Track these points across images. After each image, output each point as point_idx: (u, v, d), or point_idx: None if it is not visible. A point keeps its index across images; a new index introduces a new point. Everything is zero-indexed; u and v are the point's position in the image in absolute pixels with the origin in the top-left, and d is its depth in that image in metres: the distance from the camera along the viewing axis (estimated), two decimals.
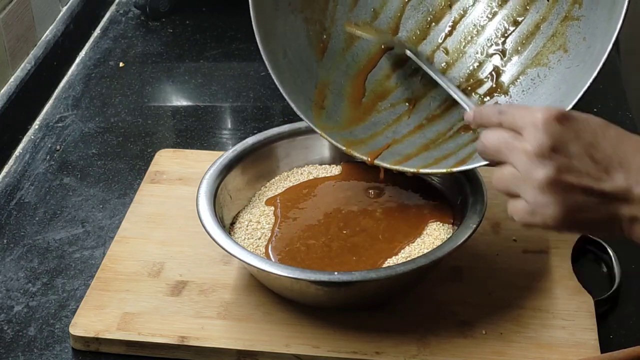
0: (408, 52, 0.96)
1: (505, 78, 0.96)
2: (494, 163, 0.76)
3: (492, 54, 0.97)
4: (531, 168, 0.72)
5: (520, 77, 0.95)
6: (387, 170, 0.95)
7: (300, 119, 1.05)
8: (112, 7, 1.52)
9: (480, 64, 0.98)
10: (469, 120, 0.82)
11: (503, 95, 0.95)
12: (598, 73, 0.84)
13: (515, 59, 0.96)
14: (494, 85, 0.96)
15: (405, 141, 0.96)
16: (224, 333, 0.89)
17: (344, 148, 0.94)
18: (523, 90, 0.94)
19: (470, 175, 0.95)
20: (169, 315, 0.90)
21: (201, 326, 0.89)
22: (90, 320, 0.90)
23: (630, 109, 1.23)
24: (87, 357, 0.89)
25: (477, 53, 0.98)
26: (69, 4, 1.40)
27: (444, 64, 0.99)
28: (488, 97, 0.96)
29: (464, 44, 0.99)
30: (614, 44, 0.83)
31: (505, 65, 0.96)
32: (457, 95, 0.89)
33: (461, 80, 0.98)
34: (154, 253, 0.98)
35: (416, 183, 1.00)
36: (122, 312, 0.91)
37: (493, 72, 0.97)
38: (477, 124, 0.80)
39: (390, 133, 0.97)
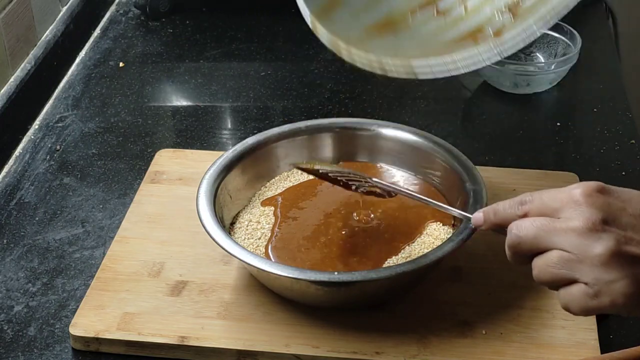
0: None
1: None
2: (531, 256, 0.70)
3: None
4: (587, 245, 0.65)
5: None
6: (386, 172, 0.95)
7: (300, 119, 1.05)
8: (112, 7, 1.52)
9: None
10: (478, 223, 0.76)
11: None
12: None
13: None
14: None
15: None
16: (224, 333, 0.89)
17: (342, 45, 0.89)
18: None
19: (470, 174, 0.96)
20: (169, 315, 0.90)
21: (201, 326, 0.89)
22: (90, 320, 0.90)
23: (630, 109, 1.23)
24: (87, 357, 0.89)
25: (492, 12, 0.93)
26: (69, 4, 1.40)
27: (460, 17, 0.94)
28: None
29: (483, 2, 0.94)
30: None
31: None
32: (455, 211, 0.87)
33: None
34: (154, 253, 0.98)
35: (416, 183, 1.00)
36: (122, 312, 0.91)
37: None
38: (493, 224, 0.74)
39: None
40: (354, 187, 0.91)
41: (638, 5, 1.74)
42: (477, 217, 0.76)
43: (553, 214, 0.68)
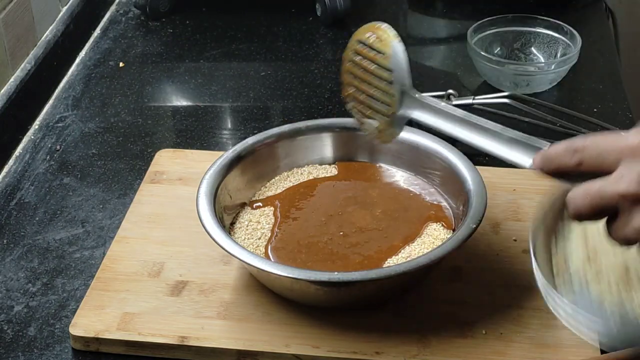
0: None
1: None
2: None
3: None
4: None
5: None
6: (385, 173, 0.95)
7: (300, 119, 1.05)
8: (112, 7, 1.52)
9: None
10: (536, 167, 0.71)
11: None
12: None
13: None
14: None
15: None
16: (224, 333, 0.89)
17: None
18: None
19: (471, 175, 0.96)
20: (169, 315, 0.90)
21: (201, 326, 0.89)
22: (90, 320, 0.90)
23: (630, 109, 1.23)
24: (87, 357, 0.89)
25: None
26: (69, 4, 1.40)
27: None
28: None
29: None
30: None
31: None
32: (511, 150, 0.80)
33: None
34: (154, 253, 0.98)
35: (416, 183, 1.00)
36: (122, 312, 0.91)
37: None
38: (549, 170, 0.69)
39: None
40: None
41: (638, 5, 1.74)
42: (535, 160, 0.72)
43: (609, 167, 0.63)
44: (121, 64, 1.37)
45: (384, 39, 0.86)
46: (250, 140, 1.02)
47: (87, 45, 1.42)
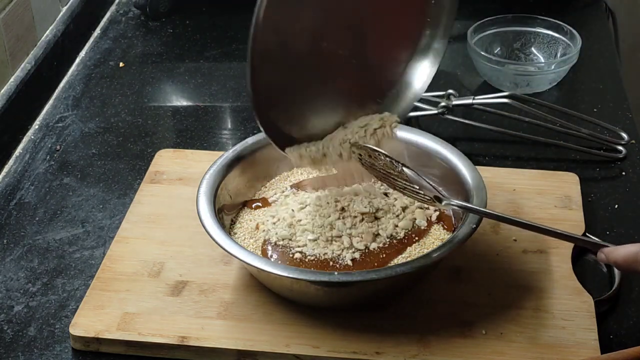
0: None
1: None
2: None
3: None
4: None
5: None
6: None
7: None
8: (112, 7, 1.52)
9: None
10: (601, 261, 0.87)
11: None
12: None
13: None
14: None
15: None
16: (224, 333, 0.89)
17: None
18: None
19: (471, 175, 0.96)
20: (169, 315, 0.90)
21: (201, 326, 0.89)
22: (90, 320, 0.90)
23: (630, 109, 1.23)
24: (87, 357, 0.89)
25: None
26: (69, 4, 1.40)
27: None
28: None
29: None
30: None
31: None
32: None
33: None
34: (154, 253, 0.98)
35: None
36: (122, 312, 0.91)
37: None
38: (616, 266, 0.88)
39: None
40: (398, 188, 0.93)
41: (638, 5, 1.74)
42: (600, 257, 0.87)
43: None
44: (121, 64, 1.37)
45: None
46: (250, 140, 1.02)
47: (87, 45, 1.42)
